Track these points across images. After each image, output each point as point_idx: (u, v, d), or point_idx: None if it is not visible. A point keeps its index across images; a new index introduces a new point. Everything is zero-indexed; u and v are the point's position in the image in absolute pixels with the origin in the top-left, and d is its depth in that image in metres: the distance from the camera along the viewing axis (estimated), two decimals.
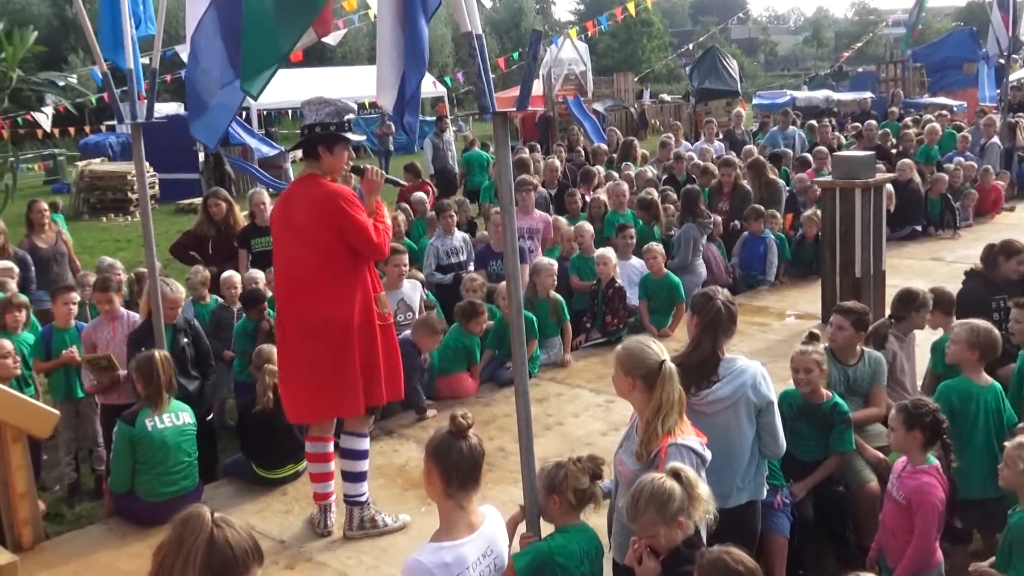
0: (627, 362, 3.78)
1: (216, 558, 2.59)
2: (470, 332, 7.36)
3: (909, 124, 16.50)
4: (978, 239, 10.21)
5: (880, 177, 8.62)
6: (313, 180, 5.00)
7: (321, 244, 4.89)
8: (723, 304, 4.31)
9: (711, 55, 27.51)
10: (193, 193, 21.53)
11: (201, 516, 2.65)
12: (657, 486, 3.40)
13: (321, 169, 5.03)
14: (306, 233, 4.92)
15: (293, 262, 5.01)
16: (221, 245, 8.70)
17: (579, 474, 3.84)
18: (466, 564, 3.21)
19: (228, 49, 4.63)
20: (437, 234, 9.48)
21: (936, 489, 4.21)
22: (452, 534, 3.26)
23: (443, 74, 44.87)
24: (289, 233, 5.02)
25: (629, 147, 14.95)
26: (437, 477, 3.30)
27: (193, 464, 5.58)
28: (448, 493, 3.29)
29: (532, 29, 6.96)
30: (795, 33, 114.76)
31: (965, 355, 5.14)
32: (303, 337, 4.97)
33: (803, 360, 5.07)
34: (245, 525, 2.74)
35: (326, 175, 5.03)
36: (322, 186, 4.94)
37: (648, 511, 3.39)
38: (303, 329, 4.97)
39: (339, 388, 4.95)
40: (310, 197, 4.94)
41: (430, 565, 3.14)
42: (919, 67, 32.24)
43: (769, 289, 9.98)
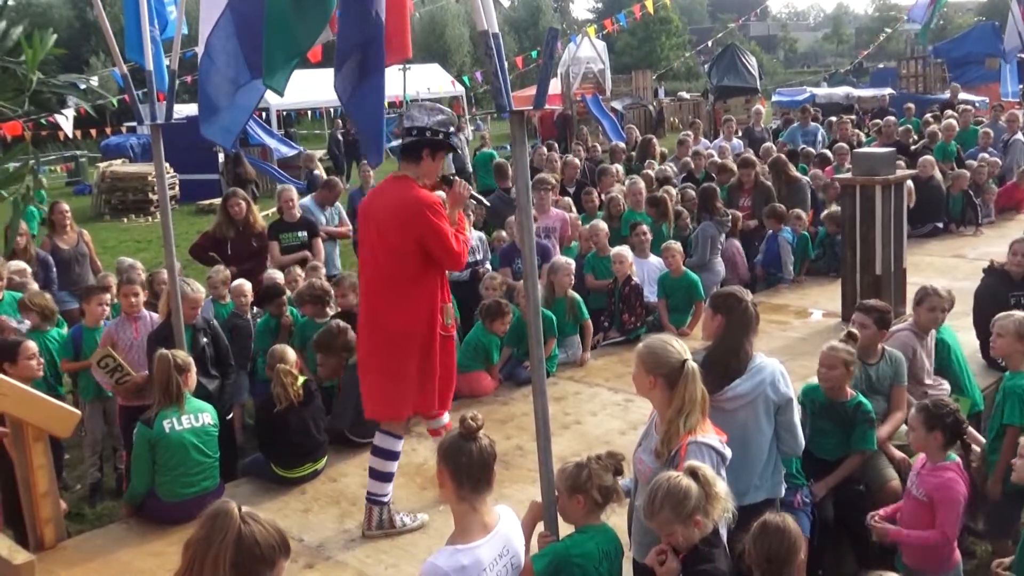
0: (649, 360, 3.78)
1: (244, 553, 2.65)
2: (492, 332, 7.33)
3: (930, 120, 16.36)
4: (1001, 236, 10.13)
5: (900, 174, 8.56)
6: (405, 182, 5.01)
7: (400, 247, 4.91)
8: (752, 305, 4.35)
9: (730, 52, 27.45)
10: (213, 194, 21.66)
11: (229, 512, 2.69)
12: (673, 484, 3.40)
13: (417, 172, 5.04)
14: (387, 233, 4.95)
15: (372, 258, 5.07)
16: (241, 246, 8.74)
17: (602, 471, 3.83)
18: (483, 566, 3.22)
19: (244, 50, 4.65)
20: None
21: (959, 485, 4.19)
22: (467, 536, 3.26)
23: (461, 73, 44.95)
24: (371, 229, 5.06)
25: (648, 145, 14.92)
26: (449, 479, 3.31)
27: (214, 465, 5.59)
28: (460, 495, 3.30)
29: (549, 27, 6.94)
30: (815, 30, 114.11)
31: (1013, 347, 5.11)
32: (371, 333, 5.08)
33: (828, 356, 5.06)
34: (271, 519, 2.78)
35: (419, 179, 5.03)
36: (412, 190, 4.95)
37: (664, 510, 3.39)
38: (372, 325, 5.07)
39: (391, 388, 5.03)
40: (399, 199, 4.95)
41: (447, 569, 3.15)
42: (940, 63, 31.99)
43: (789, 287, 9.92)
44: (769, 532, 3.47)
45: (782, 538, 3.45)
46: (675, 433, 3.67)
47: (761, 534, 3.48)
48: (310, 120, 43.09)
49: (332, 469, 6.09)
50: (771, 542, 3.45)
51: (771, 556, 3.45)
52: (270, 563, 2.68)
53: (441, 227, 4.90)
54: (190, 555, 2.70)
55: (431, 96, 40.96)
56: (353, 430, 6.36)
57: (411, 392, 5.04)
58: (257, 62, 4.59)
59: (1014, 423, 4.95)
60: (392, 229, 4.93)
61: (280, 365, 5.88)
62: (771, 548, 3.45)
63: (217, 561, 2.63)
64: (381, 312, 4.97)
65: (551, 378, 7.41)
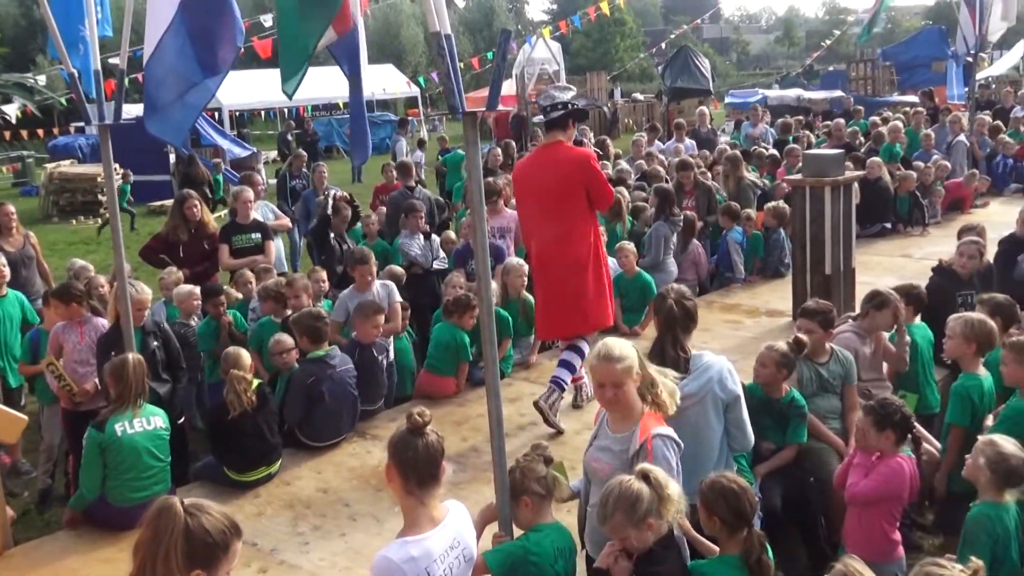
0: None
1: (197, 544, 2.64)
2: (462, 327, 7.24)
3: (878, 122, 16.64)
4: (947, 236, 10.32)
5: (849, 175, 8.69)
6: (562, 145, 6.25)
7: (569, 193, 6.12)
8: (675, 303, 4.39)
9: (683, 54, 27.64)
10: (164, 195, 21.37)
11: (172, 508, 2.68)
12: (625, 489, 3.44)
13: (566, 137, 6.29)
14: (556, 185, 6.13)
15: (541, 209, 6.22)
16: (193, 248, 8.64)
17: (531, 464, 3.87)
18: (433, 557, 3.23)
19: (197, 49, 4.61)
20: (405, 234, 9.49)
21: (903, 471, 4.29)
22: (415, 529, 3.28)
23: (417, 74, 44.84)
24: (535, 187, 6.27)
25: (602, 146, 15.02)
26: (396, 474, 3.32)
27: (166, 469, 5.52)
28: (408, 489, 3.31)
29: (502, 29, 7.03)
30: (767, 32, 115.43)
31: (963, 349, 5.21)
32: (548, 268, 6.26)
33: (762, 355, 5.25)
34: (215, 504, 2.78)
35: (568, 141, 6.33)
36: (572, 149, 6.32)
37: (617, 514, 3.44)
38: (549, 262, 6.25)
39: (589, 304, 6.19)
40: (564, 157, 6.20)
41: (398, 560, 3.16)
42: (888, 65, 32.57)
43: (742, 287, 10.04)
44: (728, 492, 3.62)
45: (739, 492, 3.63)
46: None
47: (732, 497, 3.61)
48: (263, 120, 42.72)
49: (286, 472, 6.04)
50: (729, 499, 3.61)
51: (743, 512, 3.60)
52: (223, 547, 2.69)
53: (601, 174, 6.34)
54: (141, 557, 2.67)
55: (386, 97, 40.93)
56: (305, 431, 6.32)
57: (591, 307, 6.19)
58: (209, 60, 4.56)
59: (955, 422, 5.04)
60: (561, 180, 6.12)
61: (234, 371, 5.81)
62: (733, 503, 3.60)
63: (169, 557, 2.62)
64: (558, 248, 6.17)
65: (506, 379, 7.41)
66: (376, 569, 3.20)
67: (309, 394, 6.25)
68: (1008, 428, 4.78)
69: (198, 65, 4.71)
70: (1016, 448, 4.00)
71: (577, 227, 6.17)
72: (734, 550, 3.64)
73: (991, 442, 4.07)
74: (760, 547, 3.62)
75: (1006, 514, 3.97)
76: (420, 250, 9.36)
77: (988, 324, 5.23)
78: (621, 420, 3.92)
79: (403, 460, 3.31)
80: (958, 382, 5.20)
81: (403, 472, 3.30)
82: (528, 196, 6.45)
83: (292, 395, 6.34)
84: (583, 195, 6.16)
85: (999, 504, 3.99)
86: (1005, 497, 3.99)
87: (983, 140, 15.57)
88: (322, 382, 6.31)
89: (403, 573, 3.15)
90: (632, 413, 3.88)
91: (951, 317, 5.44)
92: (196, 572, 2.64)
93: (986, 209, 13.54)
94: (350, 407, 6.54)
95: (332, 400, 6.33)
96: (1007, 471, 3.96)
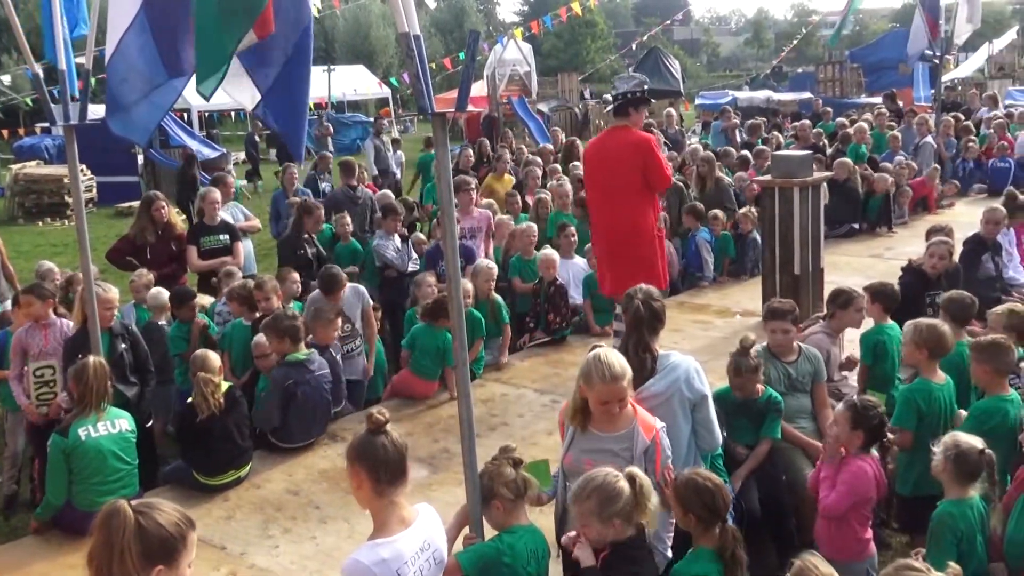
0: None
1: (153, 542, 2.64)
2: (442, 328, 7.15)
3: (846, 124, 16.79)
4: (915, 236, 10.44)
5: (817, 176, 8.76)
6: (626, 130, 7.07)
7: (630, 173, 6.95)
8: (641, 302, 4.39)
9: (654, 56, 27.79)
10: (132, 196, 21.12)
11: (121, 511, 2.67)
12: (608, 482, 3.48)
13: (629, 122, 7.10)
14: (620, 164, 6.98)
15: (607, 187, 7.13)
16: (160, 249, 8.56)
17: (500, 468, 3.87)
18: (404, 559, 3.21)
19: (160, 48, 4.56)
20: (380, 235, 9.45)
21: (867, 475, 4.32)
22: (386, 531, 3.26)
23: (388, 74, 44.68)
24: (603, 167, 7.17)
25: (572, 147, 15.04)
26: (366, 478, 3.28)
27: (133, 472, 5.46)
28: (378, 491, 3.29)
29: (471, 30, 7.04)
30: (736, 34, 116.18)
31: (916, 356, 5.24)
32: (615, 239, 7.19)
33: (732, 380, 5.23)
34: (164, 501, 2.80)
35: (634, 126, 7.12)
36: (635, 134, 7.08)
37: (590, 500, 3.47)
38: (613, 233, 7.20)
39: (645, 272, 6.76)
40: (628, 141, 7.01)
41: (368, 563, 3.14)
42: (856, 67, 32.87)
43: (711, 287, 10.10)
44: (701, 489, 3.67)
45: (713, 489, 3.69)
46: None
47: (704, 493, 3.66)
48: (233, 121, 42.44)
49: (256, 475, 6.00)
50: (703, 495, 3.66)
51: (716, 508, 3.66)
52: (181, 539, 2.70)
53: (659, 157, 7.11)
54: (96, 565, 2.65)
55: (357, 98, 40.78)
56: (276, 434, 6.29)
57: (656, 269, 7.08)
58: (173, 61, 4.51)
59: (898, 425, 5.08)
60: (622, 162, 6.96)
61: (201, 373, 5.75)
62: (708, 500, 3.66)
63: (124, 560, 2.60)
64: (620, 220, 7.09)
65: (478, 380, 7.42)
66: (346, 572, 3.17)
67: (286, 396, 6.22)
68: (972, 427, 4.84)
69: (162, 64, 4.66)
70: (974, 443, 4.05)
71: (636, 204, 7.05)
72: (708, 545, 3.68)
73: (952, 438, 4.12)
74: (734, 541, 3.67)
75: (970, 510, 4.03)
76: (396, 252, 9.33)
77: (937, 329, 5.21)
78: (618, 419, 3.96)
79: (373, 461, 3.28)
80: (908, 386, 5.24)
81: (373, 473, 3.27)
82: (595, 174, 7.38)
83: (270, 397, 6.31)
84: (640, 176, 6.97)
85: (963, 501, 4.04)
86: (969, 492, 4.04)
87: (949, 141, 15.77)
88: (299, 385, 6.28)
89: (374, 575, 3.14)
90: (626, 411, 3.95)
91: (906, 324, 5.47)
92: (158, 569, 2.64)
93: (952, 210, 13.71)
94: (324, 411, 6.51)
95: (307, 403, 6.30)
96: (966, 466, 4.02)
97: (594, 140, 7.90)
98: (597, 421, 4.00)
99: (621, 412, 3.93)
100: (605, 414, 3.94)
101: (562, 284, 8.41)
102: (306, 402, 6.30)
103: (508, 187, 12.00)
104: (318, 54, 57.91)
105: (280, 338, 6.42)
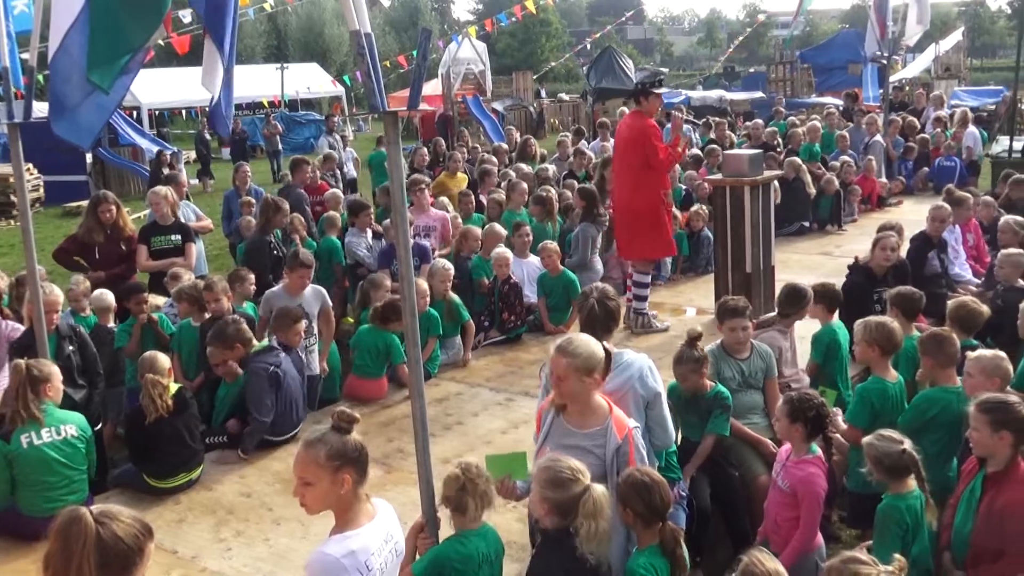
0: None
1: (110, 554, 2.61)
2: (389, 330, 7.13)
3: (796, 123, 17.01)
4: (863, 233, 10.60)
5: (768, 175, 8.86)
6: (639, 115, 8.14)
7: (634, 155, 8.07)
8: (596, 302, 4.44)
9: (608, 55, 27.90)
10: (80, 195, 20.77)
11: (82, 519, 2.62)
12: (563, 471, 3.51)
13: (644, 110, 8.12)
14: (627, 146, 8.18)
15: (622, 167, 8.30)
16: (109, 250, 8.41)
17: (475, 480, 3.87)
18: (371, 551, 3.22)
19: None
20: (352, 232, 9.37)
21: (820, 479, 4.38)
22: (353, 524, 3.25)
23: (342, 72, 44.40)
24: (619, 147, 8.45)
25: (525, 146, 15.07)
26: (352, 479, 3.25)
27: (82, 478, 5.34)
28: (356, 490, 3.29)
29: (422, 28, 6.98)
30: (689, 34, 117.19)
31: (868, 354, 5.33)
32: (621, 210, 8.37)
33: (676, 372, 5.30)
34: (124, 509, 2.76)
35: (648, 114, 8.17)
36: (643, 120, 8.11)
37: (542, 474, 3.55)
38: (619, 205, 8.42)
39: (652, 240, 8.22)
40: (634, 126, 8.11)
41: (337, 555, 3.12)
42: (807, 68, 33.31)
43: (665, 285, 10.17)
44: (640, 486, 3.66)
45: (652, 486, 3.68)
46: None
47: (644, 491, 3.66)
48: (184, 119, 41.92)
49: (207, 477, 5.92)
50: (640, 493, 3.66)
51: (655, 506, 3.65)
52: (138, 551, 2.68)
53: (655, 144, 8.01)
54: (52, 572, 2.60)
55: (311, 96, 40.50)
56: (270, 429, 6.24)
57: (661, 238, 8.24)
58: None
59: (850, 422, 5.17)
60: (630, 144, 8.12)
61: (149, 375, 5.65)
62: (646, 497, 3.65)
63: (82, 569, 2.57)
64: (633, 194, 8.14)
65: (433, 379, 7.40)
66: (312, 566, 3.15)
67: (273, 382, 6.16)
68: (912, 416, 4.94)
69: None
70: (893, 445, 4.12)
71: (641, 179, 8.07)
72: (651, 542, 3.70)
73: (869, 444, 4.20)
74: (674, 541, 3.68)
75: (914, 501, 4.11)
76: (367, 250, 9.26)
77: (886, 326, 5.30)
78: (590, 415, 3.97)
79: (355, 461, 3.27)
80: (862, 384, 5.33)
81: (358, 474, 3.28)
82: (615, 152, 8.72)
83: (257, 389, 6.16)
84: (643, 155, 7.99)
85: (904, 495, 4.12)
86: (910, 484, 4.12)
87: (896, 140, 16.06)
88: (279, 366, 6.24)
89: (343, 568, 3.12)
90: (600, 409, 3.95)
91: (856, 322, 5.56)
92: None
93: (900, 208, 13.96)
94: (301, 398, 6.49)
95: (289, 391, 6.28)
96: (892, 465, 4.10)
97: (620, 122, 9.24)
98: (571, 414, 4.01)
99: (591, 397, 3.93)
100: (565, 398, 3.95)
101: (517, 283, 8.42)
102: (288, 390, 6.27)
103: (461, 186, 11.97)
104: (270, 51, 57.48)
105: (231, 347, 6.37)
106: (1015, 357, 5.19)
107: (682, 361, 5.20)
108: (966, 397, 4.92)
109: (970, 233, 9.37)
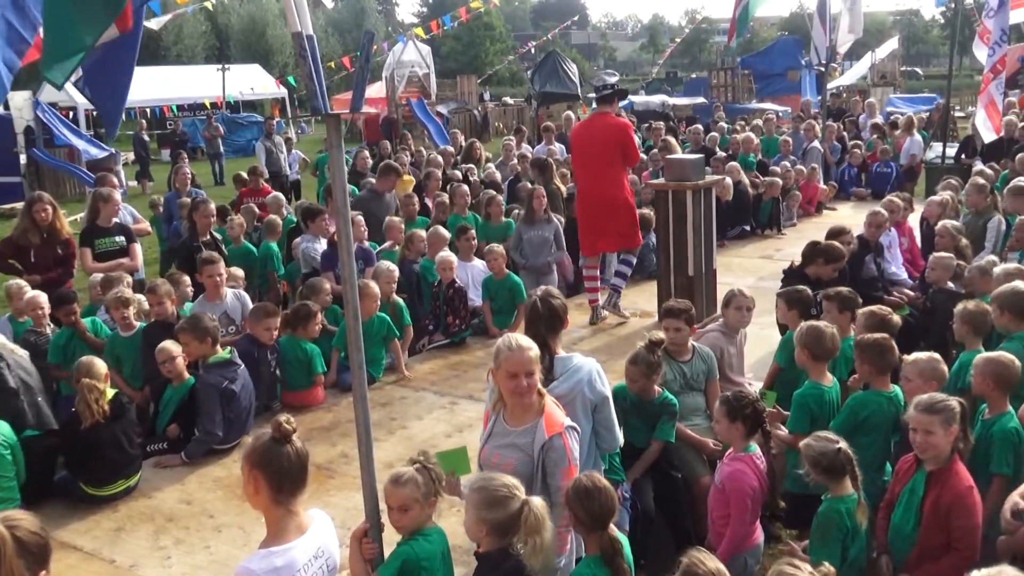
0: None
1: (33, 550, 2.85)
2: (304, 338, 7.06)
3: (737, 129, 17.25)
4: (802, 237, 10.75)
5: (709, 179, 8.97)
6: (608, 116, 8.49)
7: (610, 152, 8.35)
8: (539, 301, 4.43)
9: (552, 59, 27.93)
10: (15, 197, 20.25)
11: None
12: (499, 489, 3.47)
13: (611, 109, 8.56)
14: (602, 145, 8.37)
15: (591, 162, 8.49)
16: (45, 252, 8.21)
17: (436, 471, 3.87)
18: (296, 567, 3.16)
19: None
20: (307, 238, 9.29)
21: (747, 476, 4.43)
22: (281, 538, 3.20)
23: (284, 74, 43.95)
24: (587, 148, 8.55)
25: (471, 149, 15.06)
26: (265, 485, 3.21)
27: (11, 486, 5.16)
28: (278, 500, 3.22)
29: (365, 31, 6.95)
30: (633, 39, 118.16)
31: (801, 357, 5.39)
32: (600, 206, 8.52)
33: (628, 371, 5.30)
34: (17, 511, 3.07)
35: (615, 113, 8.66)
36: (615, 119, 8.55)
37: (476, 495, 3.50)
38: (599, 201, 8.53)
39: (621, 232, 8.62)
40: (609, 124, 8.43)
41: (260, 571, 3.07)
42: (747, 74, 33.79)
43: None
44: (582, 492, 3.63)
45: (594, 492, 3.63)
46: None
47: (585, 498, 3.62)
48: (124, 120, 41.14)
49: (146, 485, 5.81)
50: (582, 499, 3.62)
51: (596, 514, 3.61)
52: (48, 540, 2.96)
53: (633, 139, 8.60)
54: None
55: (254, 97, 40.02)
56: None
57: (630, 230, 8.64)
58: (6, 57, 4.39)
59: (793, 430, 5.23)
60: (605, 142, 8.35)
61: (84, 380, 5.53)
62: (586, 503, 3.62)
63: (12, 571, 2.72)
64: (605, 192, 8.45)
65: (377, 383, 7.36)
66: None
67: (224, 398, 6.10)
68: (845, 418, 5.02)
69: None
70: (828, 445, 4.18)
71: (614, 176, 8.43)
72: (594, 550, 3.67)
73: (806, 445, 4.25)
74: (614, 551, 3.62)
75: (852, 504, 4.16)
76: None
77: (816, 329, 5.34)
78: (522, 414, 3.96)
79: (275, 470, 3.21)
80: (800, 391, 5.38)
81: (274, 482, 3.21)
82: (581, 152, 8.72)
83: (210, 404, 6.08)
84: (619, 152, 8.37)
85: (843, 497, 4.17)
86: (847, 487, 4.18)
87: (834, 146, 16.38)
88: (233, 382, 6.18)
89: None
90: (533, 406, 3.94)
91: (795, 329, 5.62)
92: (42, 574, 2.88)
93: (835, 213, 14.22)
94: (251, 406, 6.43)
95: (240, 403, 6.22)
96: (829, 465, 4.15)
97: (580, 123, 9.44)
98: (510, 410, 4.00)
99: (530, 394, 3.89)
100: (514, 395, 3.91)
101: (461, 286, 8.41)
102: (239, 402, 6.20)
103: (407, 189, 11.94)
104: (211, 52, 56.68)
105: (201, 340, 6.26)
106: (946, 359, 5.29)
107: (637, 362, 5.21)
108: (899, 401, 5.02)
109: (904, 237, 9.58)
